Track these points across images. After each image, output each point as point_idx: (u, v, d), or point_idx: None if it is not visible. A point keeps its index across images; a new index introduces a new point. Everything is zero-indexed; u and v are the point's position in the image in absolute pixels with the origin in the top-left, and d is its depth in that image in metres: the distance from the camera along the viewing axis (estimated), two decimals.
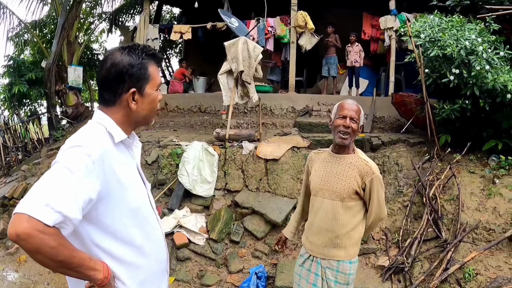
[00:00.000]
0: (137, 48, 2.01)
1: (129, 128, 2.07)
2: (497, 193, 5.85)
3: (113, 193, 1.87)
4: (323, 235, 3.30)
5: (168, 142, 8.12)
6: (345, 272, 3.28)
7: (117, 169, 1.89)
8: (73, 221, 1.66)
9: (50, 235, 1.59)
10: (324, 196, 3.30)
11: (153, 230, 2.13)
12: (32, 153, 12.35)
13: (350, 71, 11.34)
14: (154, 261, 2.12)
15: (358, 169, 3.22)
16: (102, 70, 1.95)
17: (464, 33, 6.69)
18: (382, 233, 6.29)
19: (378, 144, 8.07)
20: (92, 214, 1.81)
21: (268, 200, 6.82)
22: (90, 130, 1.92)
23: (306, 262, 3.44)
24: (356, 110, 3.26)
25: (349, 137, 3.23)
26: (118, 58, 1.94)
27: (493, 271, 5.03)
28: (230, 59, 7.85)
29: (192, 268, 6.29)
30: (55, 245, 1.61)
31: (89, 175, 1.73)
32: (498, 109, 6.59)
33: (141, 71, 1.97)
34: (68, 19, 11.83)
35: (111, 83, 1.94)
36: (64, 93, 12.88)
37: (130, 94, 1.95)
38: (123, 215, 1.93)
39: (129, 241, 1.97)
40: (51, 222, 1.58)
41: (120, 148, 2.00)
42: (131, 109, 1.98)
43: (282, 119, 10.08)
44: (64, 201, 1.62)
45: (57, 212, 1.59)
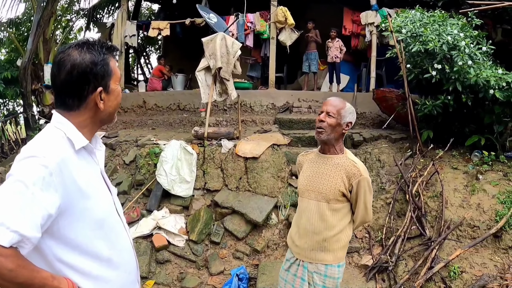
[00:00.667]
0: (95, 43, 1.86)
1: (92, 130, 1.93)
2: (481, 189, 5.81)
3: (75, 205, 1.72)
4: (310, 238, 3.21)
5: (146, 141, 7.94)
6: (334, 276, 3.21)
7: (78, 179, 1.74)
8: (32, 239, 1.52)
9: (6, 257, 1.46)
10: (310, 197, 3.23)
11: (120, 240, 2.00)
12: (9, 155, 12.09)
13: (330, 67, 11.27)
14: (123, 273, 1.99)
15: (345, 170, 3.14)
16: (62, 74, 1.77)
17: (446, 28, 6.64)
18: (365, 231, 6.20)
19: (359, 140, 8.04)
20: (54, 228, 1.67)
21: (248, 200, 6.69)
22: (47, 136, 1.77)
23: (292, 266, 3.36)
24: (335, 106, 3.18)
25: (324, 132, 3.16)
26: (79, 58, 1.78)
27: (479, 269, 4.98)
28: (208, 56, 7.71)
29: (172, 271, 6.16)
30: (13, 267, 1.48)
31: (47, 188, 1.58)
32: (481, 104, 6.57)
33: (105, 67, 1.84)
34: (43, 16, 11.59)
35: (74, 86, 1.79)
36: (40, 92, 12.62)
37: (98, 93, 1.82)
38: (87, 227, 1.79)
39: (95, 254, 1.83)
40: (7, 243, 1.45)
41: (81, 154, 1.85)
42: (98, 109, 1.85)
43: (262, 116, 9.96)
44: (20, 219, 1.48)
45: (12, 232, 1.46)
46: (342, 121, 3.16)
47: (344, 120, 3.16)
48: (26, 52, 11.89)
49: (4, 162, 10.98)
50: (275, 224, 6.54)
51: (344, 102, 3.26)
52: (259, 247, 6.24)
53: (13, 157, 10.58)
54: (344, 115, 3.16)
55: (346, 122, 3.18)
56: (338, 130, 3.17)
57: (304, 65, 11.22)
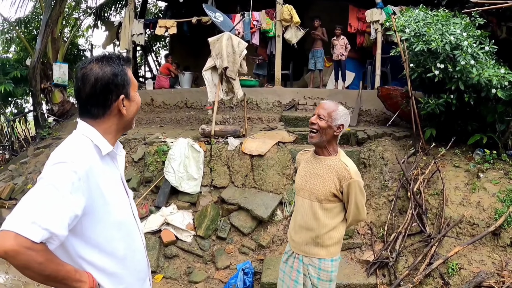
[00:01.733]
0: (113, 57, 2.04)
1: (115, 137, 2.11)
2: (481, 187, 5.90)
3: (97, 208, 1.90)
4: (304, 234, 3.35)
5: (154, 139, 8.08)
6: (327, 269, 3.33)
7: (101, 185, 1.92)
8: (59, 237, 1.69)
9: (37, 252, 1.62)
10: (304, 196, 3.35)
11: (135, 241, 2.17)
12: (19, 152, 12.27)
13: (336, 64, 11.35)
14: (134, 271, 2.16)
15: (336, 172, 3.21)
16: (86, 87, 1.95)
17: (449, 27, 6.70)
18: (367, 228, 6.32)
19: (363, 138, 8.12)
20: (77, 228, 1.84)
21: (254, 196, 6.82)
22: (75, 144, 1.94)
23: (289, 259, 3.51)
24: (326, 108, 3.25)
25: (316, 135, 3.25)
26: (101, 72, 1.95)
27: (477, 266, 5.09)
28: (215, 55, 7.83)
29: (180, 265, 6.30)
30: (43, 261, 1.65)
31: (75, 191, 1.76)
32: (483, 103, 6.61)
33: (124, 77, 2.02)
34: (52, 15, 11.75)
35: (99, 97, 1.97)
36: (49, 91, 12.83)
37: (121, 101, 2.00)
38: (107, 228, 1.97)
39: (112, 253, 2.01)
40: (38, 239, 1.61)
41: (105, 160, 2.03)
42: (121, 116, 2.04)
43: (268, 113, 10.07)
44: (51, 218, 1.64)
45: (44, 229, 1.62)
46: (333, 123, 3.22)
47: (335, 122, 3.22)
48: (35, 52, 12.07)
49: (14, 160, 11.17)
50: (280, 220, 6.68)
51: (337, 105, 3.32)
52: (264, 243, 6.37)
53: (24, 154, 10.79)
54: (335, 118, 3.22)
55: (338, 125, 3.23)
56: (329, 133, 3.24)
57: (310, 62, 11.30)
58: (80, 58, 16.56)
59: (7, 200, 8.04)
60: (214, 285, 5.96)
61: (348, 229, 6.04)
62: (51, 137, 11.66)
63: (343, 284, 5.32)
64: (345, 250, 6.06)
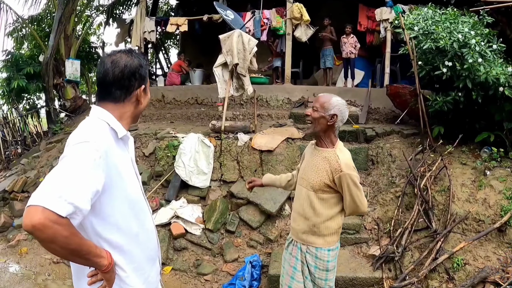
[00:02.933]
0: (138, 52, 2.26)
1: (128, 123, 2.24)
2: (488, 184, 5.93)
3: (114, 185, 2.01)
4: (302, 222, 3.43)
5: (165, 134, 8.19)
6: (323, 259, 3.39)
7: (118, 163, 2.05)
8: (83, 211, 1.79)
9: (63, 225, 1.71)
10: (302, 184, 3.44)
11: (146, 221, 2.29)
12: (31, 147, 12.40)
13: (345, 63, 11.42)
14: (146, 249, 2.27)
15: (329, 164, 3.26)
16: (116, 70, 2.10)
17: (457, 26, 6.73)
18: (374, 223, 6.39)
19: (372, 135, 8.18)
20: (96, 205, 1.94)
21: (263, 191, 6.89)
22: (94, 126, 2.06)
23: (290, 246, 3.60)
24: (319, 100, 3.31)
25: (310, 126, 3.35)
26: (130, 60, 2.14)
27: (482, 261, 5.13)
28: (225, 52, 7.91)
29: (189, 258, 6.40)
30: (68, 235, 1.74)
31: (97, 168, 1.87)
32: (491, 101, 6.62)
33: (146, 71, 2.21)
34: (65, 13, 11.88)
35: (125, 81, 2.13)
36: (62, 87, 12.98)
37: (142, 90, 2.19)
38: (123, 206, 2.08)
39: (127, 230, 2.12)
40: (64, 213, 1.70)
41: (119, 143, 2.16)
42: (137, 104, 2.22)
43: (277, 110, 10.15)
44: (76, 193, 1.75)
45: (69, 204, 1.71)
46: (326, 113, 3.24)
47: (327, 112, 3.24)
48: (48, 48, 12.20)
49: (27, 154, 11.31)
50: (288, 214, 6.74)
51: (331, 96, 3.35)
52: (272, 236, 6.46)
53: (36, 149, 10.94)
54: (328, 108, 3.25)
55: (330, 114, 3.24)
56: (322, 122, 3.28)
57: (321, 61, 11.40)
58: (92, 55, 16.73)
59: (19, 193, 8.16)
60: (222, 277, 6.04)
61: (355, 223, 6.19)
62: (63, 132, 11.79)
63: (349, 278, 5.40)
64: (351, 244, 6.13)
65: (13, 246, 6.94)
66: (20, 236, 7.06)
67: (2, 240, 7.26)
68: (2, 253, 6.83)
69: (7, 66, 13.93)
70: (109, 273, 2.01)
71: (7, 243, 7.09)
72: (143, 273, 2.24)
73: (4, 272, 6.30)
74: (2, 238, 7.32)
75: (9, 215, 7.74)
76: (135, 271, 2.18)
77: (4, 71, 14.21)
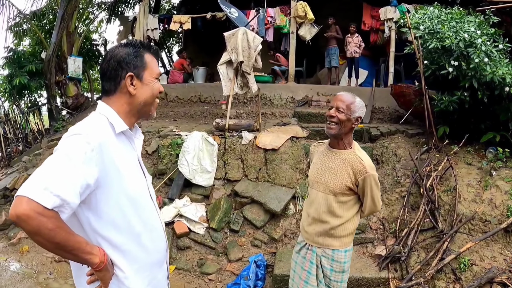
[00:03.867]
0: (135, 42, 2.18)
1: (132, 118, 2.17)
2: (494, 185, 5.90)
3: (111, 181, 1.95)
4: (318, 225, 3.35)
5: (168, 132, 8.16)
6: (340, 260, 3.33)
7: (116, 159, 1.97)
8: (71, 204, 1.73)
9: (48, 218, 1.67)
10: (319, 189, 3.34)
11: (152, 220, 2.20)
12: (32, 144, 12.37)
13: (349, 62, 11.40)
14: (152, 251, 2.19)
15: (351, 166, 3.18)
16: (103, 63, 2.10)
17: (463, 25, 6.71)
18: (380, 223, 6.36)
19: (376, 134, 8.15)
20: (92, 201, 1.90)
21: (267, 190, 6.88)
22: (91, 120, 2.02)
23: (302, 250, 3.52)
24: (345, 101, 3.18)
25: (335, 127, 3.18)
26: (117, 51, 2.10)
27: (488, 262, 5.11)
28: (230, 50, 7.88)
29: (192, 257, 6.37)
30: (53, 227, 1.69)
31: (88, 161, 1.81)
32: (497, 101, 6.60)
33: (137, 58, 2.11)
34: (67, 10, 11.85)
35: (111, 73, 2.07)
36: (64, 84, 12.94)
37: (128, 77, 2.07)
38: (121, 203, 2.01)
39: (127, 229, 2.05)
40: (50, 205, 1.66)
41: (121, 138, 2.09)
42: (130, 94, 2.10)
43: (281, 109, 10.14)
44: (62, 186, 1.70)
45: (55, 196, 1.67)
46: (352, 116, 3.17)
47: (354, 115, 3.17)
48: (50, 45, 12.16)
49: (28, 151, 11.27)
50: (292, 214, 6.73)
51: (354, 96, 3.26)
52: (277, 236, 6.42)
53: (37, 146, 10.91)
54: (354, 110, 3.17)
55: (356, 117, 3.19)
56: (347, 125, 3.19)
57: (326, 60, 11.40)
58: (93, 52, 16.69)
59: None
60: (226, 277, 6.01)
61: (360, 223, 6.15)
62: (64, 129, 11.72)
63: (355, 278, 5.36)
64: (357, 244, 6.10)
65: (14, 244, 6.91)
66: (22, 234, 7.02)
67: (3, 238, 7.22)
68: (3, 252, 6.79)
69: (9, 63, 13.88)
70: (102, 272, 1.94)
71: (8, 241, 7.05)
72: (147, 276, 2.17)
73: (5, 270, 6.26)
74: (3, 236, 7.28)
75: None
76: (137, 273, 2.10)
77: (6, 68, 14.16)
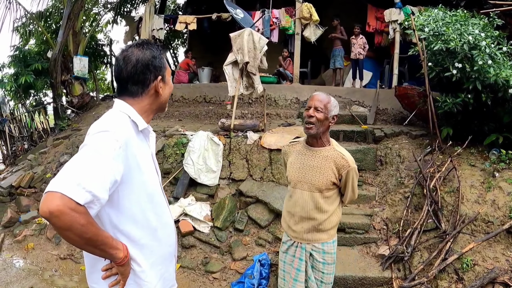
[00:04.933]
0: (150, 43, 2.22)
1: (149, 116, 2.24)
2: (497, 186, 5.93)
3: (133, 177, 2.01)
4: (306, 223, 3.46)
5: (173, 131, 8.21)
6: (330, 251, 3.50)
7: (138, 156, 2.04)
8: (101, 200, 1.79)
9: (80, 213, 1.70)
10: (303, 188, 3.44)
11: (165, 215, 2.28)
12: (38, 143, 12.38)
13: (354, 63, 11.44)
14: (164, 245, 2.27)
15: (334, 162, 3.35)
16: (128, 66, 2.10)
17: (467, 27, 6.73)
18: (383, 223, 6.39)
19: (380, 136, 8.19)
20: (114, 197, 1.95)
21: (272, 189, 6.92)
22: (115, 117, 2.06)
23: (290, 248, 3.62)
24: (322, 100, 3.35)
25: (313, 127, 3.33)
26: (141, 54, 2.12)
27: (491, 262, 5.13)
28: (236, 50, 7.93)
29: (197, 255, 6.40)
30: (85, 223, 1.73)
31: (116, 158, 1.87)
32: (500, 103, 6.62)
33: (162, 61, 2.19)
34: (73, 9, 11.91)
35: (140, 76, 2.12)
36: (69, 83, 12.99)
37: (158, 81, 2.15)
38: (141, 199, 2.07)
39: (145, 224, 2.11)
40: (83, 201, 1.70)
41: (139, 136, 2.15)
42: (158, 95, 2.19)
43: (286, 109, 10.18)
44: (94, 182, 1.74)
45: (88, 192, 1.71)
46: (329, 114, 3.34)
47: (330, 113, 3.35)
48: (57, 45, 12.22)
49: (33, 150, 11.31)
50: None
51: (329, 96, 3.44)
52: (281, 235, 6.39)
53: (42, 145, 10.96)
54: (330, 109, 3.35)
55: (332, 115, 3.37)
56: (325, 124, 3.36)
57: (331, 61, 11.44)
58: (99, 52, 16.75)
59: (26, 188, 8.18)
60: (230, 276, 6.04)
61: (364, 223, 6.19)
62: (70, 128, 11.81)
63: (359, 277, 5.42)
64: (360, 244, 6.14)
65: (20, 241, 6.96)
66: (27, 232, 7.09)
67: (9, 236, 7.27)
68: (8, 249, 6.86)
69: (15, 62, 13.93)
70: (124, 266, 2.00)
71: (13, 238, 7.11)
72: (160, 269, 2.23)
73: (11, 267, 6.32)
74: (8, 234, 7.33)
75: (16, 210, 7.76)
76: (152, 266, 2.17)
77: (12, 67, 14.21)
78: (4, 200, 8.14)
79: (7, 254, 6.68)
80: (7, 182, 8.51)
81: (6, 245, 6.97)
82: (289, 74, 11.34)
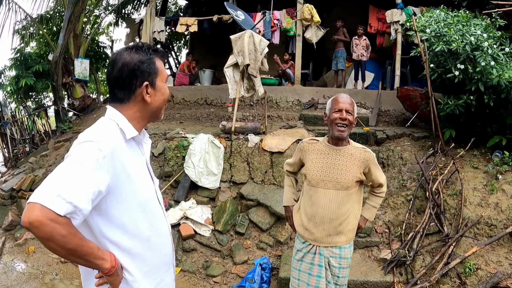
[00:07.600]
0: (143, 46, 2.13)
1: (141, 123, 2.17)
2: (500, 189, 5.90)
3: (122, 187, 1.96)
4: (327, 224, 3.43)
5: (174, 134, 8.18)
6: (347, 256, 3.51)
7: (126, 165, 1.99)
8: (83, 211, 1.75)
9: (61, 224, 1.68)
10: (327, 187, 3.42)
11: (160, 224, 2.23)
12: (39, 145, 12.35)
13: (356, 64, 11.39)
14: (159, 254, 2.22)
15: (359, 158, 3.42)
16: (114, 71, 2.05)
17: (469, 28, 6.70)
18: (385, 227, 6.36)
19: (382, 137, 8.15)
20: (102, 206, 1.91)
21: (273, 193, 6.89)
22: (102, 126, 2.02)
23: (307, 256, 3.56)
24: (350, 103, 3.43)
25: (346, 129, 3.39)
26: (128, 58, 2.04)
27: (494, 266, 5.10)
28: (236, 53, 7.89)
29: (198, 259, 6.37)
30: (66, 234, 1.70)
31: (100, 168, 1.82)
32: (503, 105, 6.60)
33: (151, 66, 2.09)
34: (74, 12, 11.88)
35: (125, 81, 2.05)
36: (71, 86, 12.97)
37: (144, 87, 2.06)
38: (132, 208, 2.03)
39: (137, 233, 2.07)
40: (63, 212, 1.67)
41: (130, 144, 2.09)
42: (145, 103, 2.10)
43: (287, 112, 10.15)
44: (75, 192, 1.71)
45: (68, 203, 1.68)
46: (355, 116, 3.44)
47: (356, 115, 3.47)
48: (58, 47, 12.19)
49: (35, 153, 11.30)
50: None
51: (351, 98, 3.52)
52: (282, 239, 6.42)
53: (44, 147, 10.96)
54: (356, 110, 3.47)
55: (356, 117, 3.52)
56: (353, 125, 3.46)
57: (333, 63, 11.42)
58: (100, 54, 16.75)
59: (27, 191, 8.14)
60: (231, 279, 6.01)
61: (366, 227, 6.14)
62: (71, 131, 11.79)
63: (360, 281, 5.37)
64: (362, 248, 6.10)
65: (21, 244, 6.95)
66: (28, 235, 7.06)
67: (10, 239, 7.25)
68: (9, 252, 6.84)
69: (16, 64, 13.93)
70: (113, 277, 1.97)
71: (14, 241, 7.09)
72: (155, 279, 2.20)
73: (11, 271, 6.30)
74: (9, 237, 7.31)
75: (17, 214, 7.74)
76: (146, 276, 2.13)
77: (13, 69, 14.21)
78: (5, 203, 8.10)
79: (8, 257, 6.66)
80: (8, 185, 8.48)
81: (7, 248, 6.95)
82: (292, 76, 11.31)
